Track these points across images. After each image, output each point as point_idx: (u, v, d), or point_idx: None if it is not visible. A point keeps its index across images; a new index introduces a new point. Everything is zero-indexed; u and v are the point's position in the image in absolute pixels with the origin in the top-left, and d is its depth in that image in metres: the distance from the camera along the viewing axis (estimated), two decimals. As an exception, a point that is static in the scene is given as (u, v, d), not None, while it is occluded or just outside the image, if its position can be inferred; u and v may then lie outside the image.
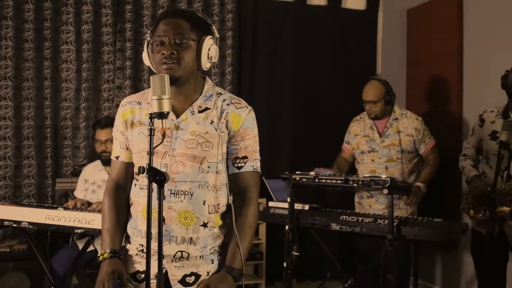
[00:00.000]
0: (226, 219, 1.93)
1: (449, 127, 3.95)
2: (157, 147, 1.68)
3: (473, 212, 3.13)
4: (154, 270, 1.69)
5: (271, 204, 3.80)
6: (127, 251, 1.94)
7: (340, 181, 3.30)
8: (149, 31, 1.88)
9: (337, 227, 3.35)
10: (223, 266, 1.84)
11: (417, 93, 4.62)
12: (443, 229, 3.09)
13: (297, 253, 3.42)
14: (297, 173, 3.44)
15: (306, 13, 5.03)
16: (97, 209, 3.19)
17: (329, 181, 3.34)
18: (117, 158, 1.98)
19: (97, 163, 3.77)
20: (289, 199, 3.46)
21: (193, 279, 1.86)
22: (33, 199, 4.34)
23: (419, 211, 3.91)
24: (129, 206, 1.95)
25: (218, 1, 4.74)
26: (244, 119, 1.89)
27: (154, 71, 1.86)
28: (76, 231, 2.97)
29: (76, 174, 4.31)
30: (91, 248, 3.26)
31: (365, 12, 5.26)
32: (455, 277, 4.23)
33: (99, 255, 1.86)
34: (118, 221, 1.92)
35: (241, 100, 1.93)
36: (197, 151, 1.83)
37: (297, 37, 4.99)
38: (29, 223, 3.10)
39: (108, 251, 1.85)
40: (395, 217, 3.15)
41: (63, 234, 3.22)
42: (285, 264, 3.44)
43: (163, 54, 1.78)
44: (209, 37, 1.85)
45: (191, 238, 1.84)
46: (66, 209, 3.16)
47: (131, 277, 1.91)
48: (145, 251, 1.70)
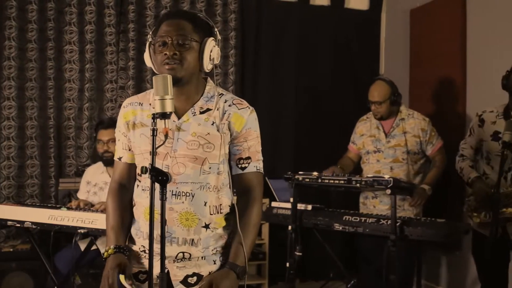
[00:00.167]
0: (230, 220, 1.93)
1: (452, 127, 3.94)
2: (159, 147, 1.69)
3: (477, 214, 3.10)
4: (156, 270, 1.69)
5: (274, 204, 3.80)
6: (132, 251, 1.94)
7: (343, 181, 3.29)
8: (150, 32, 1.88)
9: (340, 228, 3.35)
10: (226, 263, 1.84)
11: (420, 93, 4.61)
12: (446, 230, 3.08)
13: (300, 253, 3.42)
14: (300, 173, 3.44)
15: (309, 13, 5.03)
16: (100, 209, 3.19)
17: (332, 181, 3.34)
18: (120, 159, 1.98)
19: (99, 164, 3.77)
20: (292, 199, 3.46)
21: (195, 279, 1.86)
22: (37, 199, 4.34)
23: (423, 212, 3.88)
24: (132, 206, 1.95)
25: (221, 1, 4.74)
26: (246, 120, 1.89)
27: (155, 71, 1.86)
28: (79, 231, 2.98)
29: (79, 174, 4.31)
30: (94, 248, 3.26)
31: (368, 12, 5.25)
32: (459, 278, 4.22)
33: (104, 251, 1.86)
34: (122, 219, 1.92)
35: (242, 100, 1.93)
36: (199, 152, 1.83)
37: (300, 37, 4.98)
38: (32, 223, 3.11)
39: (112, 247, 1.85)
40: (398, 218, 3.15)
41: (66, 234, 3.22)
42: (288, 264, 3.44)
43: (165, 54, 1.78)
44: (212, 38, 1.85)
45: (193, 239, 1.84)
46: (69, 209, 3.17)
47: (133, 277, 1.90)
48: (147, 251, 1.70)
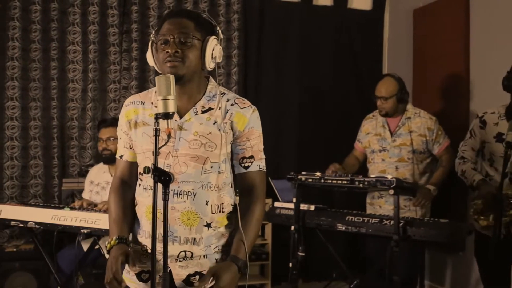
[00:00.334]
0: (232, 219, 1.93)
1: (455, 127, 3.93)
2: (162, 147, 1.69)
3: (484, 217, 3.05)
4: (159, 270, 1.69)
5: (277, 204, 3.79)
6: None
7: (346, 182, 3.28)
8: (153, 31, 1.88)
9: (343, 228, 3.34)
10: (228, 256, 1.84)
11: (423, 93, 4.61)
12: (449, 230, 3.07)
13: (303, 254, 3.41)
14: (303, 173, 3.43)
15: (312, 13, 5.02)
16: (103, 209, 3.20)
17: (335, 181, 3.33)
18: (121, 157, 1.99)
19: (102, 164, 3.78)
20: (294, 200, 3.45)
21: (197, 278, 1.86)
22: (40, 199, 4.36)
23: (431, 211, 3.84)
24: (135, 203, 1.96)
25: (224, 1, 4.74)
26: (249, 119, 1.90)
27: (157, 70, 1.87)
28: (82, 231, 2.99)
29: (82, 174, 4.32)
30: (96, 247, 3.27)
31: (371, 12, 5.25)
32: (463, 279, 4.20)
33: (107, 243, 1.85)
34: (124, 213, 1.92)
35: (244, 99, 1.94)
36: (200, 151, 1.83)
37: (303, 37, 4.98)
38: (36, 223, 3.12)
39: (114, 238, 1.84)
40: (401, 218, 3.14)
41: (69, 234, 3.23)
42: (290, 264, 3.43)
43: (167, 52, 1.78)
44: (214, 37, 1.85)
45: (194, 238, 1.84)
46: (72, 209, 3.18)
47: (136, 277, 1.91)
48: (150, 251, 1.70)
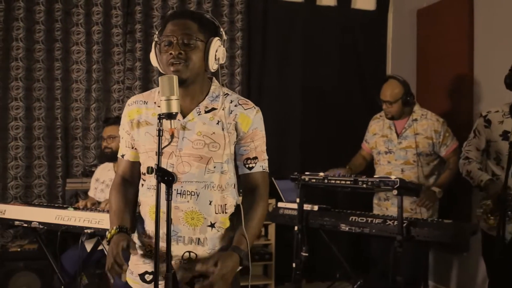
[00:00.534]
0: (233, 221, 1.93)
1: (459, 128, 3.92)
2: (165, 147, 1.69)
3: (493, 217, 3.01)
4: (162, 270, 1.69)
5: (280, 205, 3.79)
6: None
7: (349, 182, 3.27)
8: (157, 32, 1.89)
9: (347, 228, 3.33)
10: (230, 247, 1.83)
11: (427, 93, 4.59)
12: (452, 230, 3.06)
13: (306, 254, 3.41)
14: (306, 173, 3.43)
15: (315, 14, 5.02)
16: (106, 208, 3.20)
17: (338, 181, 3.32)
18: (123, 156, 1.99)
19: (106, 164, 3.79)
20: (298, 200, 3.45)
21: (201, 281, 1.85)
22: (44, 199, 4.37)
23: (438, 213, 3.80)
24: (137, 197, 1.96)
25: (227, 2, 4.74)
26: (252, 120, 1.90)
27: (161, 71, 1.87)
28: (85, 231, 2.99)
29: (86, 174, 4.34)
30: (100, 248, 3.27)
31: (374, 12, 5.24)
32: (468, 279, 4.19)
33: (107, 233, 1.84)
34: (125, 206, 1.91)
35: (248, 100, 1.94)
36: (204, 151, 1.83)
37: (307, 37, 4.97)
38: (40, 223, 3.12)
39: (115, 227, 1.83)
40: (405, 218, 3.13)
41: (73, 234, 3.24)
42: (294, 264, 3.43)
43: (170, 54, 1.78)
44: (217, 38, 1.85)
45: (199, 238, 1.84)
46: (76, 209, 3.18)
47: (139, 278, 1.91)
48: (153, 251, 1.71)
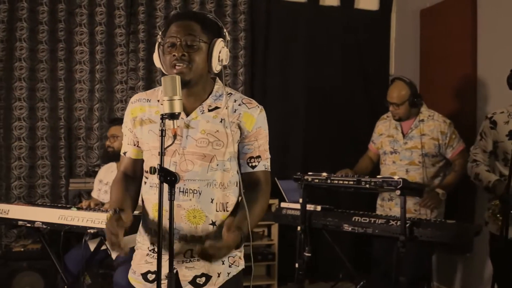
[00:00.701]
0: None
1: (462, 128, 3.91)
2: (168, 147, 1.70)
3: (503, 218, 3.02)
4: (165, 270, 1.70)
5: (283, 205, 3.78)
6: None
7: (352, 182, 3.27)
8: (160, 33, 1.89)
9: (349, 228, 3.32)
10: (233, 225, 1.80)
11: (430, 93, 4.58)
12: (456, 231, 3.05)
13: (309, 254, 3.41)
14: (309, 174, 3.42)
15: (318, 14, 5.02)
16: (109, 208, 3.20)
17: (341, 182, 3.32)
18: (125, 154, 2.00)
19: (111, 164, 3.79)
20: (301, 200, 3.45)
21: (203, 280, 1.87)
22: (47, 199, 4.38)
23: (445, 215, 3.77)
24: (137, 194, 1.96)
25: (230, 2, 4.75)
26: (256, 119, 1.91)
27: (164, 72, 1.87)
28: (89, 231, 2.99)
29: (89, 174, 4.34)
30: (103, 248, 3.28)
31: (378, 12, 5.24)
32: (471, 280, 4.19)
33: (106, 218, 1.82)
34: (124, 196, 1.89)
35: (251, 100, 1.95)
36: (208, 150, 1.84)
37: (310, 37, 4.97)
38: (43, 223, 3.13)
39: (111, 211, 1.78)
40: (408, 218, 3.13)
41: (76, 234, 3.24)
42: (297, 265, 3.43)
43: (174, 55, 1.79)
44: (220, 39, 1.85)
45: (201, 236, 1.85)
46: (79, 209, 3.19)
47: (142, 277, 1.92)
48: (156, 250, 1.71)
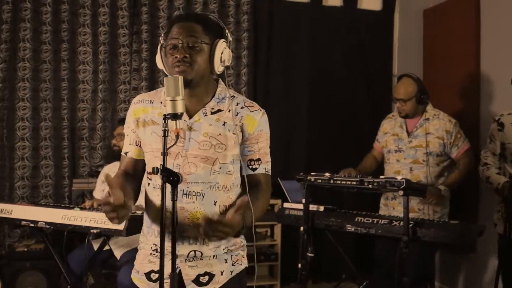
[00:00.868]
0: None
1: (466, 128, 3.91)
2: (171, 148, 1.70)
3: None
4: (167, 270, 1.70)
5: (286, 205, 3.78)
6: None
7: (355, 182, 3.26)
8: (162, 34, 1.89)
9: (352, 229, 3.32)
10: None
11: (434, 93, 4.55)
12: (459, 231, 3.04)
13: (312, 255, 3.41)
14: (312, 174, 3.42)
15: (321, 14, 5.02)
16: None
17: (344, 182, 3.32)
18: (126, 154, 1.99)
19: (115, 163, 3.80)
20: (304, 200, 3.45)
21: (207, 278, 1.87)
22: (50, 199, 4.39)
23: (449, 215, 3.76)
24: (135, 193, 1.95)
25: (233, 2, 4.75)
26: (258, 122, 1.91)
27: (167, 74, 1.87)
28: (92, 231, 3.00)
29: (92, 174, 4.35)
30: (106, 248, 3.28)
31: (381, 12, 5.23)
32: (474, 280, 4.18)
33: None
34: (125, 183, 1.86)
35: (253, 103, 1.95)
36: (210, 152, 1.84)
37: (313, 37, 4.97)
38: (46, 223, 3.13)
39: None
40: (411, 219, 3.12)
41: (79, 234, 3.24)
42: (300, 265, 3.43)
43: (176, 57, 1.79)
44: (222, 40, 1.85)
45: (204, 238, 1.84)
46: (82, 209, 3.19)
47: (145, 277, 1.92)
48: (159, 250, 1.71)
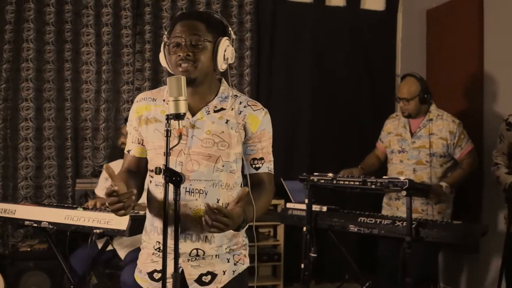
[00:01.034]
0: None
1: (469, 128, 3.90)
2: (173, 147, 1.70)
3: None
4: (170, 269, 1.70)
5: (289, 205, 3.78)
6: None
7: (358, 183, 3.27)
8: (166, 33, 1.89)
9: (355, 229, 3.32)
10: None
11: (437, 93, 4.55)
12: (462, 231, 3.04)
13: (315, 255, 3.41)
14: (315, 174, 3.43)
15: (324, 14, 5.02)
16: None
17: (347, 182, 3.32)
18: (129, 152, 2.00)
19: (118, 161, 3.80)
20: (307, 201, 3.45)
21: (209, 278, 1.87)
22: (54, 199, 4.39)
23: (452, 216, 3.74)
24: (142, 185, 1.96)
25: (236, 2, 4.75)
26: (261, 121, 1.91)
27: (170, 72, 1.88)
28: (95, 231, 2.99)
29: (96, 174, 4.36)
30: (109, 248, 3.28)
31: (384, 12, 5.23)
32: (478, 281, 4.17)
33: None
34: (128, 179, 1.88)
35: (256, 102, 1.95)
36: (213, 150, 1.84)
37: (316, 38, 4.97)
38: (49, 223, 3.12)
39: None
40: (414, 219, 3.12)
41: (82, 234, 3.25)
42: (303, 265, 3.43)
43: (179, 55, 1.79)
44: (225, 38, 1.85)
45: (206, 236, 1.85)
46: (85, 209, 3.20)
47: (148, 276, 1.92)
48: (161, 249, 1.72)
